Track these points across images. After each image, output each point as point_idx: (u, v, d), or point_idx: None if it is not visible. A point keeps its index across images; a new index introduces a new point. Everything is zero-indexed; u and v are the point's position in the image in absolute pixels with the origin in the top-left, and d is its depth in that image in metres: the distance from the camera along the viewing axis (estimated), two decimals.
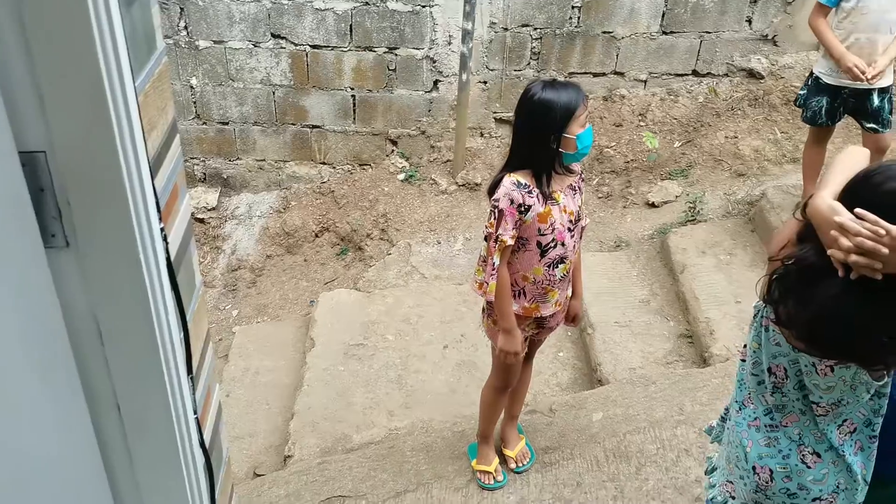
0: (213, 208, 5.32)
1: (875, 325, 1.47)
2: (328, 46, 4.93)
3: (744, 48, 5.06)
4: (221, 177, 5.40)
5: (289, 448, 3.54)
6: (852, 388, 1.61)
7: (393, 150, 5.34)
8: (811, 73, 3.84)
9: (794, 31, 5.00)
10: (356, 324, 4.25)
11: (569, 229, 2.51)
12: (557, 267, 2.54)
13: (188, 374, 1.15)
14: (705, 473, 2.13)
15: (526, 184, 2.42)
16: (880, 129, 3.74)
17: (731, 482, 1.91)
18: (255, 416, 3.92)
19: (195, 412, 1.19)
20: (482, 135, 5.28)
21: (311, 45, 4.93)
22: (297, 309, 4.84)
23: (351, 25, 4.86)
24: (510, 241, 2.43)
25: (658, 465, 2.95)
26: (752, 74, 5.10)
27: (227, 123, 5.22)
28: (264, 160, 5.36)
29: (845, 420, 1.68)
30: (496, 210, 2.42)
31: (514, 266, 2.53)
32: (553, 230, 2.48)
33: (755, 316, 1.79)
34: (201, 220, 5.27)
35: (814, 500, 1.74)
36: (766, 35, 5.03)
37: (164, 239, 1.04)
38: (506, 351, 2.60)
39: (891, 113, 3.76)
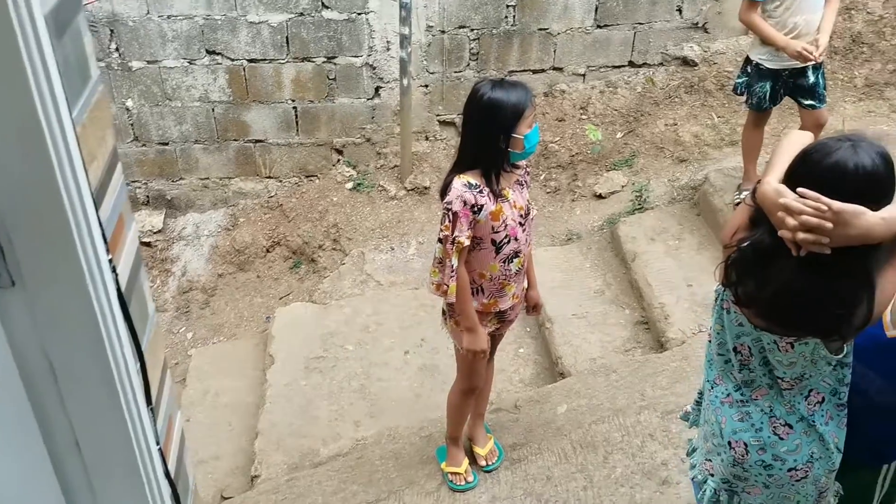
0: (160, 231, 5.22)
1: (828, 298, 1.53)
2: (266, 59, 4.88)
3: (676, 37, 5.17)
4: (165, 198, 5.30)
5: (255, 468, 3.50)
6: (813, 363, 1.67)
7: (339, 160, 5.31)
8: (748, 60, 3.90)
9: (724, 17, 5.13)
10: (315, 336, 4.21)
11: (520, 224, 2.56)
12: (512, 262, 2.58)
13: (148, 405, 1.13)
14: (686, 455, 2.18)
15: (476, 184, 2.45)
16: (817, 105, 3.83)
17: (709, 460, 1.96)
18: (219, 438, 3.85)
19: (158, 443, 1.17)
20: (427, 138, 5.29)
21: (248, 60, 4.87)
22: (254, 326, 4.78)
23: (287, 37, 4.82)
24: (467, 242, 2.45)
25: (625, 452, 2.99)
26: (686, 62, 5.22)
27: (167, 144, 5.12)
28: (208, 178, 5.28)
29: (811, 391, 1.74)
30: (450, 213, 2.44)
31: (471, 265, 2.56)
32: (506, 227, 2.51)
33: (716, 300, 1.84)
34: (147, 244, 5.16)
35: (789, 470, 1.79)
36: (697, 23, 5.15)
37: (114, 270, 1.02)
38: (472, 350, 2.62)
39: (825, 88, 3.86)
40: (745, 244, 1.65)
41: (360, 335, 4.23)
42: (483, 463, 3.01)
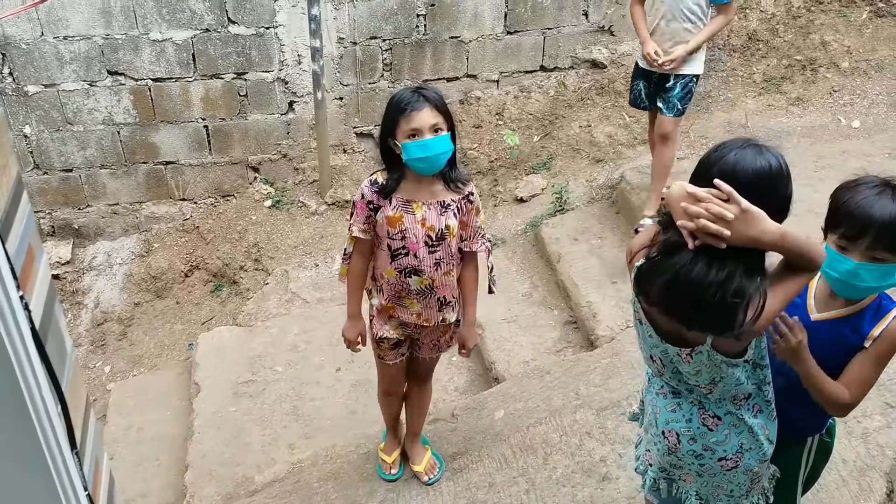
0: (68, 262, 4.96)
1: (721, 287, 1.56)
2: (172, 78, 4.72)
3: (585, 41, 5.29)
4: (72, 227, 5.05)
5: (187, 502, 3.35)
6: (717, 367, 1.70)
7: (256, 178, 5.18)
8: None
9: (628, 20, 5.26)
10: (242, 360, 4.08)
11: (426, 244, 2.46)
12: (411, 276, 2.51)
13: (72, 450, 1.05)
14: (635, 447, 2.20)
15: (382, 183, 2.43)
16: (664, 110, 3.81)
17: (648, 451, 1.99)
18: (146, 474, 3.68)
19: (86, 489, 1.09)
20: (345, 151, 5.23)
21: (153, 79, 4.70)
22: (176, 355, 4.60)
23: (193, 54, 4.68)
24: (357, 234, 2.49)
25: (564, 452, 3.01)
26: (595, 65, 5.34)
27: (71, 170, 4.89)
28: (118, 204, 5.06)
29: (733, 393, 1.78)
30: (352, 202, 2.49)
31: (374, 261, 2.59)
32: (404, 238, 2.45)
33: (634, 312, 1.88)
34: (56, 276, 4.90)
35: (720, 459, 1.82)
36: (603, 26, 5.28)
37: (26, 307, 0.94)
38: (345, 337, 2.69)
39: (682, 101, 3.80)
40: (653, 250, 1.68)
41: (289, 355, 4.13)
42: (424, 479, 2.97)
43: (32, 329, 0.94)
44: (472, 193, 2.51)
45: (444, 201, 2.46)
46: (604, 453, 2.97)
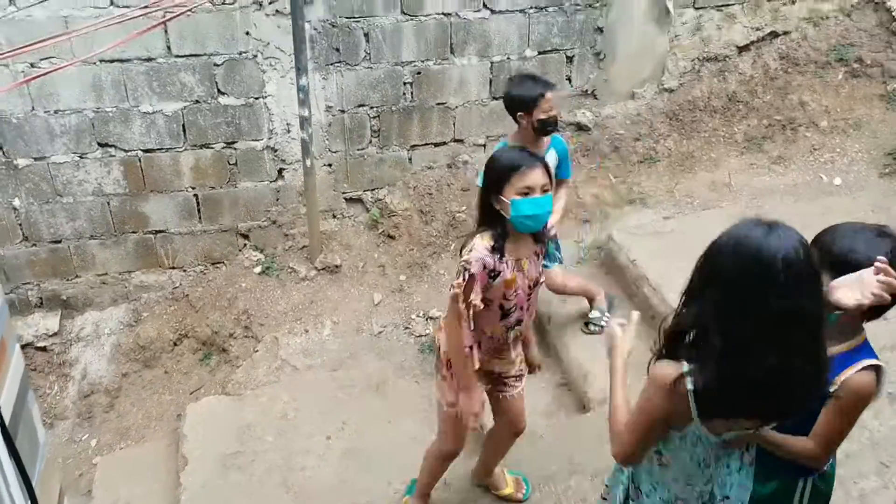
0: (55, 333, 4.92)
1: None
2: (162, 149, 4.77)
3: (569, 104, 5.39)
4: (60, 298, 5.02)
5: None
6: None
7: (245, 244, 5.19)
8: None
9: (610, 84, 5.40)
10: (231, 431, 4.02)
11: (528, 296, 2.58)
12: (513, 328, 2.62)
13: None
14: None
15: (497, 247, 2.44)
16: (548, 264, 3.91)
17: None
18: None
19: None
20: (335, 216, 5.26)
21: (143, 150, 4.74)
22: (164, 426, 4.52)
23: (184, 125, 4.74)
24: (480, 305, 2.45)
25: None
26: (580, 127, 5.43)
27: (59, 241, 4.89)
28: (107, 274, 5.05)
29: None
30: (466, 272, 2.41)
31: (476, 322, 2.52)
32: (516, 295, 2.53)
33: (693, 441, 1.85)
34: (43, 349, 4.85)
35: None
36: (587, 90, 5.39)
37: None
38: (466, 412, 2.61)
39: (557, 249, 4.09)
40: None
41: (279, 424, 4.07)
42: (519, 496, 3.16)
43: (2, 426, 0.92)
44: (546, 240, 2.72)
45: (537, 252, 2.61)
46: None
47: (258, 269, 5.10)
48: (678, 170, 5.01)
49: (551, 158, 3.80)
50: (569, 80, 5.32)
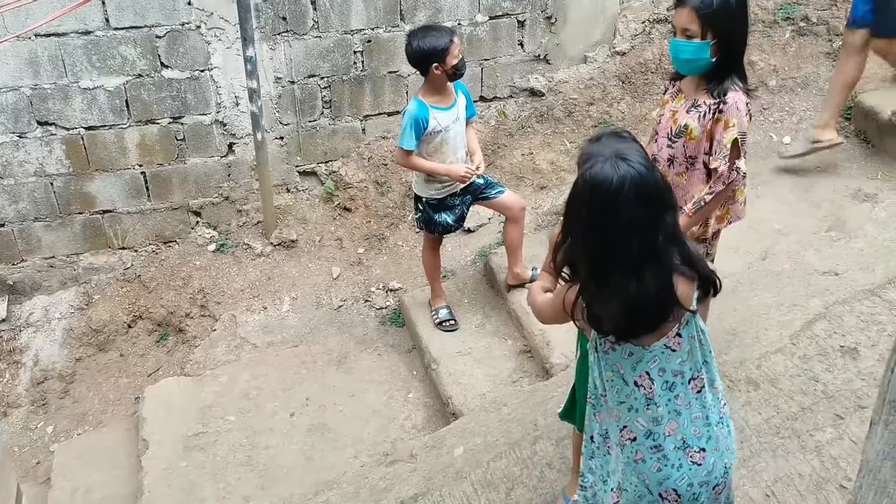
0: (3, 320, 4.76)
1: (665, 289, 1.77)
2: (105, 126, 4.61)
3: (522, 70, 5.35)
4: (7, 283, 4.86)
5: None
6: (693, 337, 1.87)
7: (198, 222, 5.07)
8: (418, 198, 3.97)
9: (562, 48, 5.37)
10: (191, 412, 3.97)
11: (667, 136, 2.67)
12: None
13: None
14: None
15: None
16: (503, 189, 4.04)
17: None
18: None
19: None
20: (289, 190, 5.17)
21: (85, 128, 4.58)
22: (122, 410, 4.44)
23: (127, 100, 4.58)
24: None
25: (526, 486, 2.97)
26: (533, 93, 5.41)
27: (2, 225, 4.71)
28: (54, 257, 4.89)
29: (708, 379, 1.91)
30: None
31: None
32: (659, 123, 2.74)
33: (588, 356, 1.98)
34: None
35: (713, 488, 1.92)
36: (539, 55, 5.36)
37: None
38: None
39: (492, 178, 4.12)
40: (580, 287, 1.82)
41: (241, 403, 4.03)
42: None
43: None
44: (724, 103, 2.47)
45: (696, 100, 2.51)
46: (565, 483, 2.94)
47: (212, 247, 5.00)
48: (633, 132, 5.02)
49: (462, 101, 3.87)
50: (521, 44, 5.28)
